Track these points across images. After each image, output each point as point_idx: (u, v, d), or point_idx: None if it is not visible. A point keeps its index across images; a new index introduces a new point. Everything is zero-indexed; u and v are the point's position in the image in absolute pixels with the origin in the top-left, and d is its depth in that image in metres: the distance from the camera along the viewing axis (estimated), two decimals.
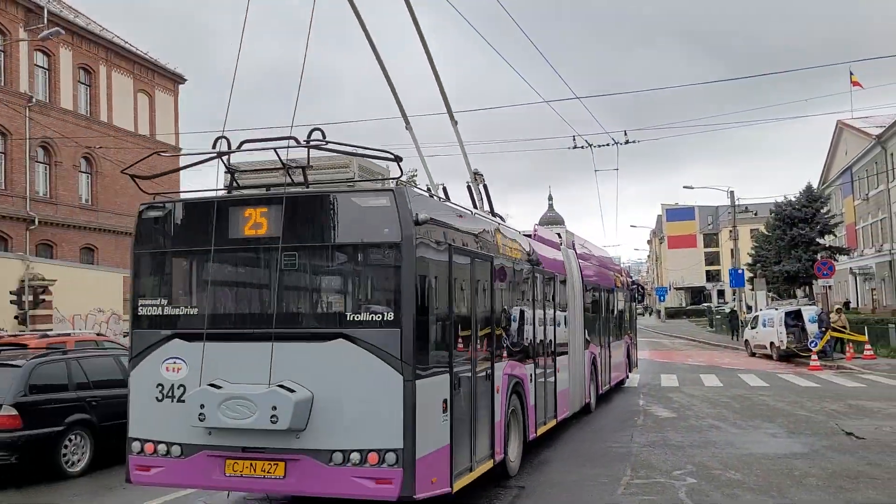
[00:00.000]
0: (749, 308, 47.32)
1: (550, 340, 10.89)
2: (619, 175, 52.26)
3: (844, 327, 25.61)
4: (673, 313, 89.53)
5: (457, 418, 6.83)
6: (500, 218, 10.02)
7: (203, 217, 6.74)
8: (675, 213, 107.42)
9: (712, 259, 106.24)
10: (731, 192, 43.65)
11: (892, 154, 43.13)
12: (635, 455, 9.86)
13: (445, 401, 6.66)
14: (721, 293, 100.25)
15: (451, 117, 9.76)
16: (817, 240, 46.06)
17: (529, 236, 10.83)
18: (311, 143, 6.43)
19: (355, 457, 6.02)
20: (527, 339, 9.70)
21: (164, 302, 6.90)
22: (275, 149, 6.45)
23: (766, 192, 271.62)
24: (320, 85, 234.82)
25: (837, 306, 24.83)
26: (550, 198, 64.90)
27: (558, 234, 13.27)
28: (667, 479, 8.38)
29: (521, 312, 9.57)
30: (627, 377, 19.10)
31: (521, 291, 9.69)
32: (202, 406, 6.14)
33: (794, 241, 45.18)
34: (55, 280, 24.77)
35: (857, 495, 7.46)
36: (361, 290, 6.71)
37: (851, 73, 39.01)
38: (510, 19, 16.89)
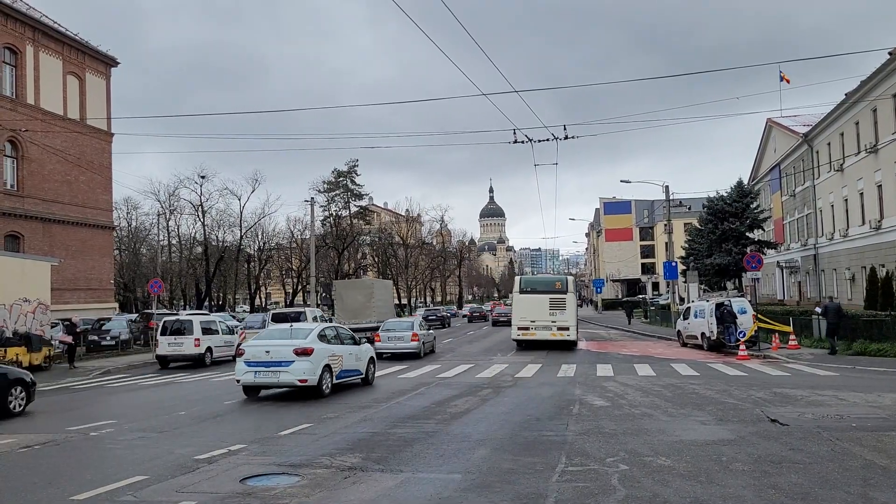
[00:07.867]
0: (682, 300, 48.54)
1: None
2: (560, 169, 54.10)
3: None
4: (609, 304, 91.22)
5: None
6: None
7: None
8: (613, 207, 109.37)
9: (647, 252, 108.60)
10: (666, 187, 44.65)
11: (817, 152, 44.71)
12: (570, 443, 10.02)
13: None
14: (656, 285, 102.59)
15: None
16: (747, 234, 47.45)
17: None
18: None
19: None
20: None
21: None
22: None
23: (700, 187, 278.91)
24: (249, 68, 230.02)
25: None
26: (491, 190, 66.17)
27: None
28: (600, 465, 8.54)
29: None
30: None
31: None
32: None
33: (725, 235, 46.47)
34: None
35: (780, 479, 7.73)
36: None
37: (781, 71, 40.41)
38: (450, 12, 16.93)
